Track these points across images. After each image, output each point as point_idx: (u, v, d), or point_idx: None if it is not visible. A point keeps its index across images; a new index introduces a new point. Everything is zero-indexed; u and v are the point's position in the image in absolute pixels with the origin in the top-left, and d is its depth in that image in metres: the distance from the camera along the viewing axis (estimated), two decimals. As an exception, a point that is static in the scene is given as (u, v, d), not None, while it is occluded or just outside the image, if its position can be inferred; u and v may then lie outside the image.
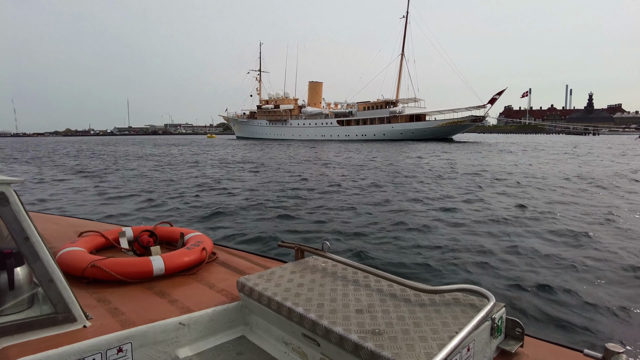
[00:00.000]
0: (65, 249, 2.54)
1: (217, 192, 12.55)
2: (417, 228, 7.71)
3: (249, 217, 8.93)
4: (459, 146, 44.72)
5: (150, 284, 2.37)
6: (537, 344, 1.75)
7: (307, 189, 13.05)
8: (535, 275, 5.15)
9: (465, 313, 1.63)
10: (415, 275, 5.24)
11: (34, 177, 18.01)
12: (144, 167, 23.00)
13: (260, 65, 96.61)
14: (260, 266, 2.73)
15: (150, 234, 2.88)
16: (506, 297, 4.48)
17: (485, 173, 17.62)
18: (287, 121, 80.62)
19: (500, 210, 9.35)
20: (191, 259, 2.58)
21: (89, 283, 2.33)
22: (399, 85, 69.22)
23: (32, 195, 12.46)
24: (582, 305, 4.26)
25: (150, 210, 10.02)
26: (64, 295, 1.74)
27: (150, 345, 1.84)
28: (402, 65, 69.50)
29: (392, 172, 18.17)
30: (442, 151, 35.36)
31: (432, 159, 26.52)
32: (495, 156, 29.41)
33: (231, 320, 2.11)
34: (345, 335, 1.50)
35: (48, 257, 1.71)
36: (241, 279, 2.06)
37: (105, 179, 17.02)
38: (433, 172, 18.12)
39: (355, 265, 2.14)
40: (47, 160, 30.22)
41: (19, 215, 1.65)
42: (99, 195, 12.56)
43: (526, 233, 7.31)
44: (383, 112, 65.85)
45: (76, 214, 8.62)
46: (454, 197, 11.39)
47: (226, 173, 18.84)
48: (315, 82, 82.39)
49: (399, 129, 63.50)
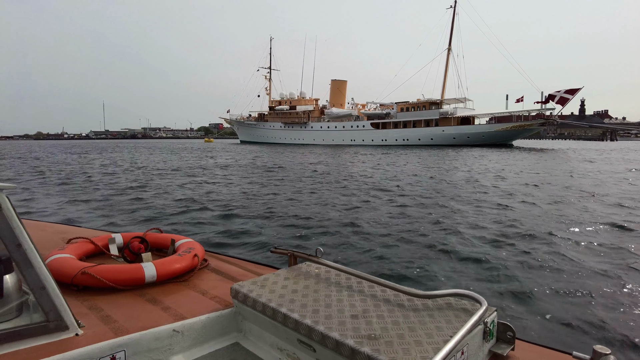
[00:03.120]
0: (53, 256, 2.43)
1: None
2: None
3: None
4: (534, 155, 36.89)
5: (142, 291, 2.30)
6: (527, 347, 1.76)
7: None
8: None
9: (459, 317, 1.65)
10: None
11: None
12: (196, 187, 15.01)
13: (271, 63, 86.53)
14: (252, 272, 2.68)
15: (141, 240, 2.83)
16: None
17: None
18: (307, 124, 70.90)
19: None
20: (183, 265, 2.51)
21: (79, 290, 2.24)
22: (445, 84, 60.71)
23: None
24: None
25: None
26: (56, 302, 1.71)
27: (143, 352, 1.80)
28: (449, 61, 61.04)
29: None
30: (520, 160, 27.77)
31: (531, 176, 18.39)
32: (595, 168, 23.04)
33: (224, 327, 2.08)
34: (341, 340, 1.51)
35: (40, 264, 1.67)
36: (235, 286, 2.04)
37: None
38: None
39: (349, 271, 2.14)
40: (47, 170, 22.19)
41: (11, 221, 1.61)
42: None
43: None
44: (431, 113, 57.09)
45: (61, 221, 8.15)
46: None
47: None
48: (338, 80, 72.92)
49: (452, 133, 54.86)
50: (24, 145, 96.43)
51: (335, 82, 72.63)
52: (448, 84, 60.73)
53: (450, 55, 60.78)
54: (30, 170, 23.22)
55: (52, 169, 23.43)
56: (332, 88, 72.63)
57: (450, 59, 60.73)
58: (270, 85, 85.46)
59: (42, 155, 40.57)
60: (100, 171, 22.10)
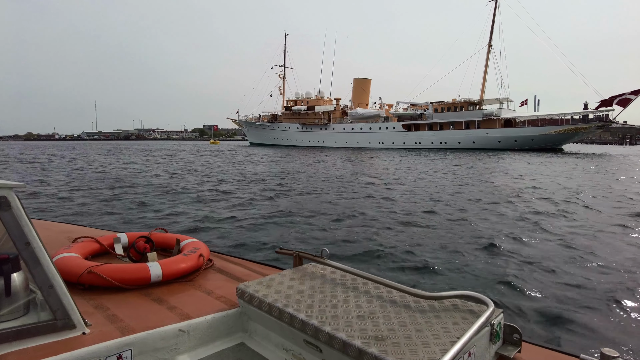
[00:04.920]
0: (60, 255, 2.43)
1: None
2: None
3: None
4: (599, 161, 32.36)
5: (147, 290, 2.29)
6: (534, 349, 1.74)
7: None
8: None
9: (465, 319, 1.64)
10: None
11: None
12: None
13: (285, 60, 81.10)
14: (257, 273, 2.67)
15: (147, 240, 2.81)
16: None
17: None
18: (328, 125, 65.66)
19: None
20: (188, 265, 2.50)
21: (84, 289, 2.24)
22: (484, 83, 55.85)
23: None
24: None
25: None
26: (64, 301, 1.71)
27: (149, 352, 1.79)
28: (489, 59, 56.17)
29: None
30: (602, 169, 22.70)
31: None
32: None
33: (230, 327, 2.07)
34: (348, 341, 1.50)
35: (49, 262, 1.69)
36: (241, 286, 2.03)
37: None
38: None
39: (354, 271, 2.13)
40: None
41: (20, 219, 1.63)
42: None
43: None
44: (472, 114, 52.17)
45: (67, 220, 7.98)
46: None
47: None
48: (362, 78, 67.84)
49: (496, 136, 49.99)
50: (17, 146, 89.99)
51: (359, 80, 67.55)
52: (487, 83, 55.70)
53: (490, 52, 55.97)
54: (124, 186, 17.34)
55: (118, 172, 18.91)
56: (354, 87, 67.53)
57: (490, 56, 55.91)
58: (284, 83, 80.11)
59: (61, 159, 34.82)
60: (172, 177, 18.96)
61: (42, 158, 35.96)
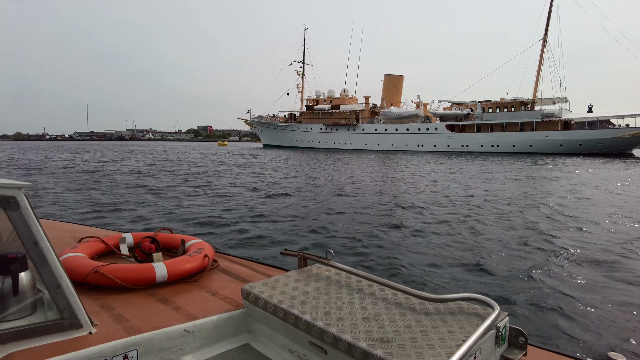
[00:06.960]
0: (66, 255, 2.46)
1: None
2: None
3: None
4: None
5: (153, 290, 2.31)
6: (540, 353, 1.73)
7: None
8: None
9: (471, 322, 1.63)
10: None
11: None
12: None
13: (304, 57, 75.16)
14: (261, 274, 2.68)
15: (152, 240, 2.82)
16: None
17: None
18: (357, 126, 60.05)
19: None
20: (193, 266, 2.52)
21: (90, 289, 2.26)
22: (538, 80, 50.60)
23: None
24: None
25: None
26: (71, 301, 1.72)
27: (155, 352, 1.80)
28: (544, 54, 50.94)
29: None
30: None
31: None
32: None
33: (235, 327, 2.08)
34: (354, 343, 1.49)
35: (56, 262, 1.70)
36: (246, 287, 2.03)
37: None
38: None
39: (359, 273, 2.11)
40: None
41: (29, 220, 1.64)
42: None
43: None
44: (530, 115, 46.94)
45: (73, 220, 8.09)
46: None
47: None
48: (393, 75, 62.36)
49: (558, 139, 44.83)
50: (7, 145, 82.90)
51: (390, 77, 62.07)
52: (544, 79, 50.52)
53: (545, 47, 50.79)
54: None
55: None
56: (385, 84, 62.02)
57: (545, 52, 50.69)
58: (303, 81, 74.28)
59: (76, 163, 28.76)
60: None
61: (58, 161, 29.81)
